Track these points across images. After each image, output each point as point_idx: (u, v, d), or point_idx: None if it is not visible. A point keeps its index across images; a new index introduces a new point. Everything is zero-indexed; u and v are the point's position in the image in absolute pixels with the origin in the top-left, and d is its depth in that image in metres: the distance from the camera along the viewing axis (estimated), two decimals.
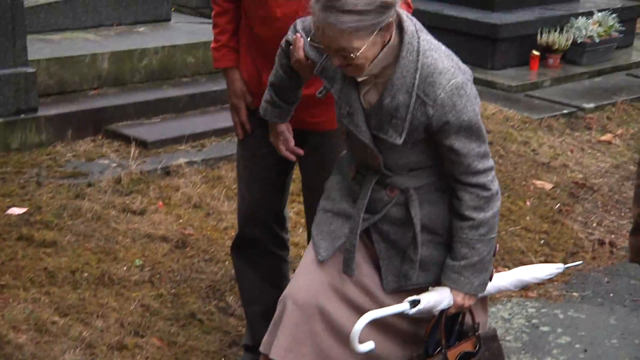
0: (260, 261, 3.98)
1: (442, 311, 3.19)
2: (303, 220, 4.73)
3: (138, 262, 4.64)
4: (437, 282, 3.19)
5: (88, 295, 4.29)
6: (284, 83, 3.42)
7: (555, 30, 8.55)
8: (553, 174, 6.44)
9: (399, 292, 3.21)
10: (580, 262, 4.54)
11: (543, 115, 7.53)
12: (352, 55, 2.86)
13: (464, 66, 3.06)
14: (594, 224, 5.79)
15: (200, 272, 4.67)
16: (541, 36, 8.49)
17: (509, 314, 4.73)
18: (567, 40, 8.55)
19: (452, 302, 3.17)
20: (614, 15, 8.95)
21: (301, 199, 4.32)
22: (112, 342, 3.97)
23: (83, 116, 5.89)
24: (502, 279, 3.44)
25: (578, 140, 7.16)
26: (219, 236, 5.04)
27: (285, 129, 3.51)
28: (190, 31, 7.08)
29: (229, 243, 4.79)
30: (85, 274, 4.45)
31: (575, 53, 8.70)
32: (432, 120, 2.95)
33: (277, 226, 3.95)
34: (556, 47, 8.49)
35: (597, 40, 8.67)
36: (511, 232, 5.45)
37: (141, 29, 6.89)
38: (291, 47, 3.21)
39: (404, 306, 3.13)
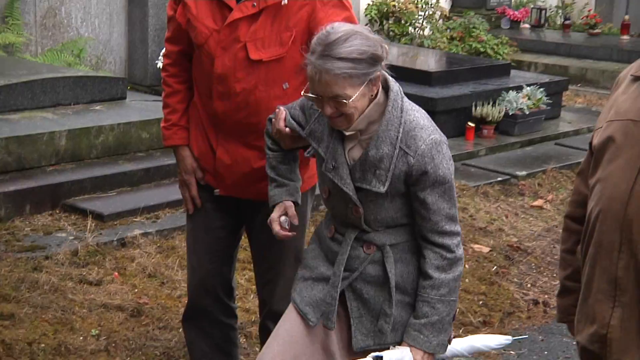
0: (211, 330, 3.95)
1: None
2: (254, 287, 4.68)
3: (94, 331, 4.57)
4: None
5: None
6: (279, 159, 3.43)
7: (488, 103, 8.68)
8: (490, 238, 6.47)
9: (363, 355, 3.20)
10: (526, 336, 4.69)
11: (479, 182, 7.61)
12: (344, 101, 2.96)
13: (440, 131, 3.18)
14: (529, 285, 5.83)
15: (155, 340, 4.61)
16: (476, 109, 8.59)
17: None
18: (499, 113, 8.68)
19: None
20: (541, 89, 9.13)
21: (251, 266, 4.29)
22: None
23: (41, 191, 5.85)
24: (457, 345, 3.44)
25: (512, 206, 7.22)
26: (173, 304, 4.98)
27: (293, 207, 3.40)
28: (145, 108, 7.09)
29: (182, 311, 4.68)
30: (42, 345, 4.37)
31: (507, 124, 8.83)
32: (412, 169, 3.05)
33: (225, 296, 3.93)
34: (490, 118, 8.60)
35: (527, 112, 8.82)
36: None
37: (97, 107, 6.88)
38: (273, 119, 3.27)
39: None
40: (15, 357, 4.24)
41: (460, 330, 4.91)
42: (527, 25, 13.32)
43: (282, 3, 3.43)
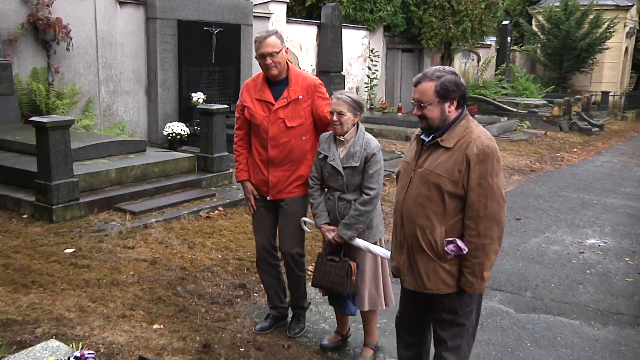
0: (268, 268, 3.94)
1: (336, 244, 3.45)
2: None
3: (132, 272, 4.59)
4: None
5: (105, 292, 4.24)
6: (316, 203, 3.53)
7: None
8: None
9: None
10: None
11: None
12: (343, 115, 3.32)
13: (379, 145, 3.41)
14: None
15: (163, 276, 4.63)
16: None
17: None
18: None
19: (332, 234, 3.44)
20: None
21: None
22: (118, 313, 3.95)
23: (102, 201, 5.78)
24: (367, 244, 3.42)
25: None
26: (173, 257, 4.97)
27: (328, 226, 3.51)
28: (156, 156, 6.97)
29: (179, 261, 4.89)
30: (105, 280, 4.39)
31: None
32: (368, 154, 3.32)
33: (273, 251, 3.92)
34: None
35: None
36: None
37: (131, 156, 6.79)
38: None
39: (310, 220, 3.61)
40: (90, 287, 4.26)
41: None
42: None
43: (299, 98, 3.57)
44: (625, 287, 5.28)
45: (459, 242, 2.69)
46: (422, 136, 2.82)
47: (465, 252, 2.69)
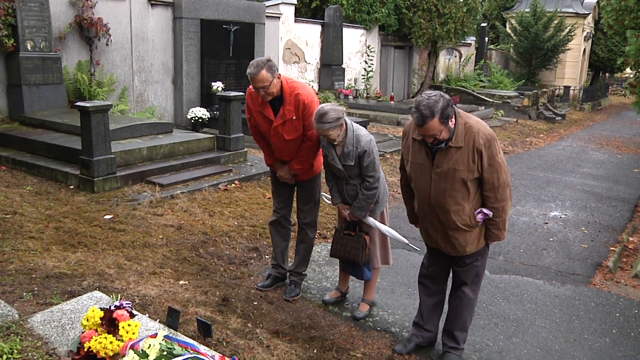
0: (281, 229, 3.92)
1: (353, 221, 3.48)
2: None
3: (160, 236, 4.56)
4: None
5: (139, 252, 4.22)
6: (332, 186, 3.53)
7: None
8: None
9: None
10: (417, 249, 3.83)
11: None
12: (331, 137, 3.24)
13: (371, 135, 3.33)
14: None
15: (186, 240, 4.59)
16: None
17: None
18: None
19: (347, 213, 3.45)
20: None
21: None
22: (149, 270, 3.91)
23: (136, 175, 5.73)
24: (377, 223, 3.44)
25: None
26: (196, 224, 4.94)
27: (343, 206, 3.53)
28: (181, 137, 6.88)
29: (201, 227, 4.84)
30: (138, 242, 4.37)
31: None
32: (359, 152, 3.27)
33: (287, 215, 3.91)
34: None
35: None
36: None
37: (160, 136, 6.72)
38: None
39: (328, 198, 3.64)
40: (126, 248, 4.24)
41: None
42: (351, 97, 13.44)
43: (293, 118, 3.48)
44: (581, 252, 5.28)
45: (485, 210, 2.86)
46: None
47: (491, 216, 2.87)
